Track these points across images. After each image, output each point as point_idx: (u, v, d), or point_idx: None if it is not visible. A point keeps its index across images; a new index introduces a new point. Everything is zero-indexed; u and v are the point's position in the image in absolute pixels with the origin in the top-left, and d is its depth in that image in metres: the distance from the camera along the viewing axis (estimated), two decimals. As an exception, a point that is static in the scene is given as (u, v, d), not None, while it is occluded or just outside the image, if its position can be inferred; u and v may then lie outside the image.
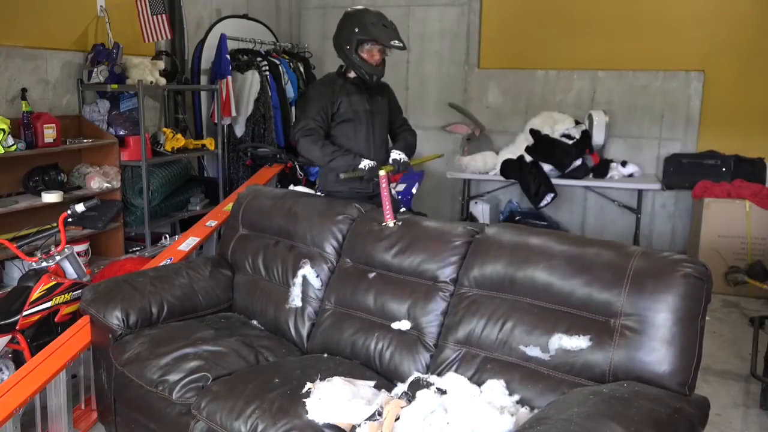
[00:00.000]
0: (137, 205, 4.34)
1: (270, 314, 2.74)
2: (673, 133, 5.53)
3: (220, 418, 2.05)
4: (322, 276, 2.65)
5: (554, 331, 2.00)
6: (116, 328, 2.56)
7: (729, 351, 3.84)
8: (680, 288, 1.86)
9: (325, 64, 6.50)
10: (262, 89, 5.35)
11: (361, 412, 1.90)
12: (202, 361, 2.30)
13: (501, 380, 2.03)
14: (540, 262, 2.09)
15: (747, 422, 3.04)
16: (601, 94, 5.67)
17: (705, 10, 5.28)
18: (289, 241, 2.83)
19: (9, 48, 3.74)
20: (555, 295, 2.05)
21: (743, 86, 5.25)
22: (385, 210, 2.59)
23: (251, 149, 5.07)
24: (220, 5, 5.50)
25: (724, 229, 4.82)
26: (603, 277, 1.97)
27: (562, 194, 5.45)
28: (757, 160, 5.16)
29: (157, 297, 2.70)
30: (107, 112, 4.30)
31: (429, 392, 1.97)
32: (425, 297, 2.33)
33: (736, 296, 4.72)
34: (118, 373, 2.49)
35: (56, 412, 2.59)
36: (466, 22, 5.98)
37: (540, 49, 5.77)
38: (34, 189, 3.78)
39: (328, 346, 2.49)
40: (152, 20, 4.34)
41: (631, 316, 1.90)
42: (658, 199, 5.63)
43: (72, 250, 3.11)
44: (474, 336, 2.16)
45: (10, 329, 2.76)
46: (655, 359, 1.84)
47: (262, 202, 3.03)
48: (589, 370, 1.92)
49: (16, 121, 3.60)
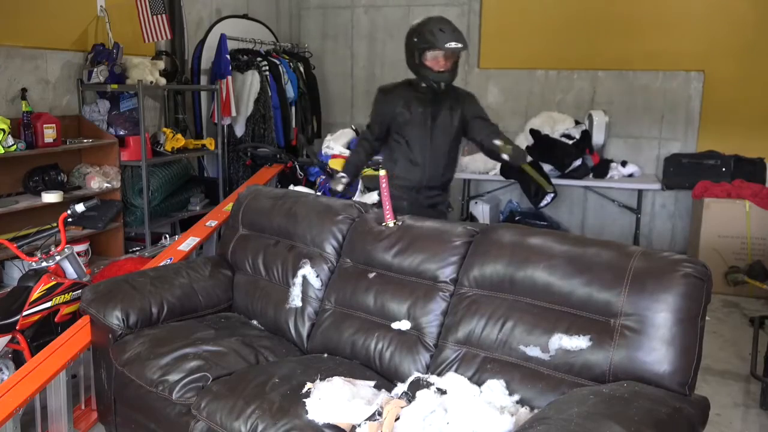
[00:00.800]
0: (137, 205, 4.34)
1: (270, 314, 2.73)
2: (673, 133, 5.53)
3: (220, 418, 2.04)
4: (322, 276, 2.64)
5: (554, 331, 1.99)
6: (116, 328, 2.55)
7: (729, 351, 3.84)
8: (680, 288, 1.86)
9: (325, 64, 6.52)
10: (262, 89, 5.36)
11: (361, 412, 1.90)
12: (202, 361, 2.30)
13: (501, 380, 2.02)
14: (540, 262, 2.09)
15: (747, 422, 3.04)
16: (601, 94, 5.67)
17: (705, 10, 5.28)
18: (289, 241, 2.83)
19: (9, 48, 3.74)
20: (555, 295, 2.04)
21: (743, 86, 5.25)
22: (386, 210, 2.59)
23: (251, 149, 5.07)
24: (220, 5, 5.51)
25: (724, 229, 4.82)
26: (603, 277, 1.97)
27: (562, 194, 5.45)
28: (757, 160, 5.16)
29: (157, 297, 2.69)
30: (107, 112, 4.31)
31: (429, 392, 1.97)
32: (425, 297, 2.32)
33: (736, 296, 4.72)
34: (118, 373, 2.48)
35: (56, 412, 2.59)
36: (466, 22, 5.98)
37: (540, 49, 5.77)
38: (34, 189, 3.78)
39: (328, 346, 2.49)
40: (152, 20, 4.34)
41: (631, 316, 1.90)
42: (658, 199, 5.63)
43: (72, 250, 3.11)
44: (474, 336, 2.15)
45: (10, 329, 2.76)
46: (655, 359, 1.84)
47: (262, 202, 3.02)
48: (589, 370, 1.92)
49: (16, 121, 3.61)
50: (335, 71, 6.54)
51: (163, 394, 2.24)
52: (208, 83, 5.19)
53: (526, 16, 5.78)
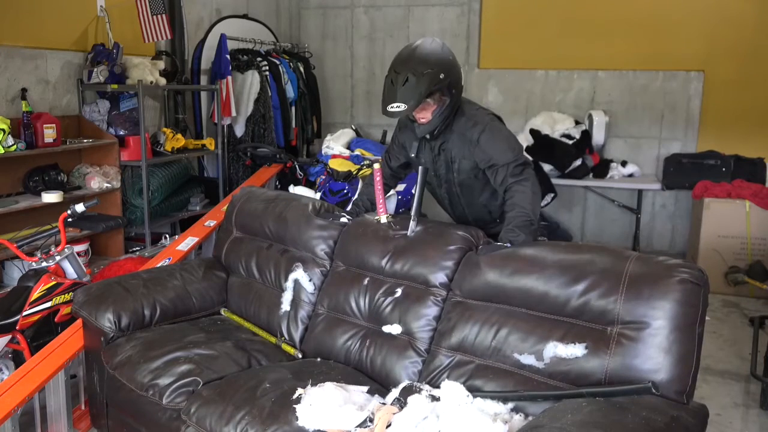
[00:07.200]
0: (137, 205, 4.34)
1: (263, 318, 2.71)
2: (673, 133, 5.53)
3: (209, 423, 2.03)
4: (315, 280, 2.62)
5: (549, 339, 1.96)
6: (108, 331, 2.54)
7: (729, 351, 3.83)
8: (677, 294, 1.82)
9: (325, 64, 6.52)
10: (262, 89, 5.36)
11: (353, 419, 1.88)
12: (193, 365, 2.28)
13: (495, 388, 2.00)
14: (534, 272, 2.06)
15: (747, 422, 3.04)
16: (601, 94, 5.67)
17: (705, 10, 5.27)
18: (281, 244, 2.81)
19: (9, 48, 3.74)
20: (550, 303, 2.01)
21: (743, 86, 5.24)
22: (378, 204, 2.55)
23: (251, 149, 5.07)
24: (220, 5, 5.51)
25: (724, 229, 4.81)
26: (598, 284, 1.93)
27: (562, 194, 5.44)
28: (757, 160, 5.15)
29: (149, 299, 2.67)
30: (107, 112, 4.31)
31: (421, 398, 1.94)
32: (417, 302, 2.29)
33: (736, 296, 4.71)
34: (109, 377, 2.46)
35: (55, 412, 2.59)
36: (466, 22, 5.98)
37: (540, 49, 5.76)
38: (34, 189, 3.78)
39: (321, 351, 2.47)
40: (152, 20, 4.34)
41: (627, 323, 1.86)
42: (658, 199, 5.63)
43: (72, 250, 3.11)
44: (467, 342, 2.13)
45: (10, 329, 2.76)
46: (652, 367, 1.80)
47: (255, 204, 2.99)
48: (584, 378, 1.88)
49: (16, 121, 3.61)
50: (335, 71, 6.54)
51: (153, 398, 2.23)
52: (208, 83, 5.19)
53: (526, 16, 5.77)
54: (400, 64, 2.30)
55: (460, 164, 2.49)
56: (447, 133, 2.46)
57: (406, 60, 2.30)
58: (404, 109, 2.26)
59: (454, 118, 2.43)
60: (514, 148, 2.42)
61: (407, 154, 2.63)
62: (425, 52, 2.31)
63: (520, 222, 2.27)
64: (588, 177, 5.29)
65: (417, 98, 2.26)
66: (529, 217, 2.28)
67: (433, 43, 2.35)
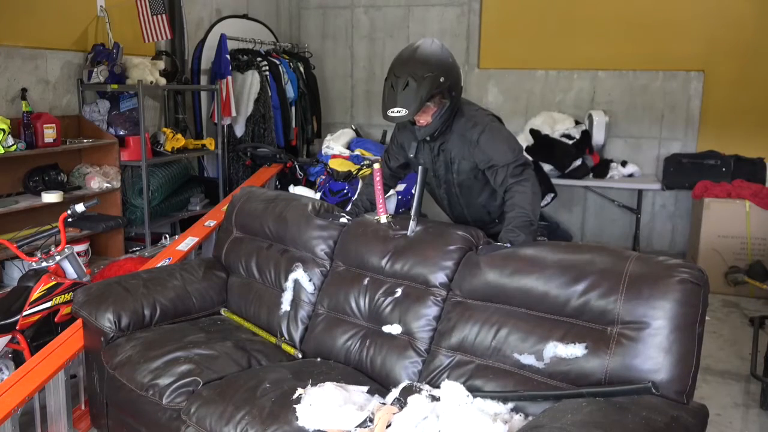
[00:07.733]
0: (137, 205, 4.35)
1: (263, 318, 2.71)
2: (673, 133, 5.53)
3: (209, 423, 2.03)
4: (314, 280, 2.62)
5: (549, 339, 1.96)
6: (108, 331, 2.54)
7: (729, 351, 3.83)
8: (677, 294, 1.82)
9: (325, 64, 6.52)
10: (262, 89, 5.36)
11: (352, 419, 1.88)
12: (193, 365, 2.28)
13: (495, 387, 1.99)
14: (534, 272, 2.06)
15: (747, 422, 3.04)
16: (601, 94, 5.67)
17: (705, 10, 5.27)
18: (281, 244, 2.81)
19: (9, 48, 3.74)
20: (550, 303, 2.01)
21: (743, 86, 5.24)
22: (378, 204, 2.55)
23: (251, 149, 5.08)
24: (220, 5, 5.51)
25: (724, 229, 4.81)
26: (598, 285, 1.93)
27: (562, 194, 5.44)
28: (757, 160, 5.15)
29: (149, 299, 2.67)
30: (107, 112, 4.31)
31: (421, 398, 1.94)
32: (417, 302, 2.29)
33: (736, 296, 4.72)
34: (109, 377, 2.46)
35: (55, 412, 2.59)
36: (466, 22, 5.98)
37: (540, 49, 5.77)
38: (34, 189, 3.79)
39: (321, 351, 2.47)
40: (152, 20, 4.34)
41: (627, 323, 1.87)
42: (658, 199, 5.63)
43: (72, 250, 3.11)
44: (467, 342, 2.13)
45: (10, 329, 2.76)
46: (652, 367, 1.80)
47: (254, 204, 2.99)
48: (584, 378, 1.88)
49: (16, 121, 3.62)
50: (335, 71, 6.54)
51: (153, 398, 2.23)
52: (208, 83, 5.19)
53: (526, 16, 5.78)
54: (400, 67, 2.29)
55: (459, 165, 2.49)
56: (446, 134, 2.45)
57: (405, 63, 2.29)
58: (405, 114, 2.25)
59: (454, 119, 2.43)
60: (513, 149, 2.42)
61: (406, 155, 2.63)
62: (425, 54, 2.30)
63: (520, 222, 2.27)
64: (588, 177, 5.30)
65: (418, 103, 2.25)
66: (529, 218, 2.28)
67: (433, 44, 2.35)
